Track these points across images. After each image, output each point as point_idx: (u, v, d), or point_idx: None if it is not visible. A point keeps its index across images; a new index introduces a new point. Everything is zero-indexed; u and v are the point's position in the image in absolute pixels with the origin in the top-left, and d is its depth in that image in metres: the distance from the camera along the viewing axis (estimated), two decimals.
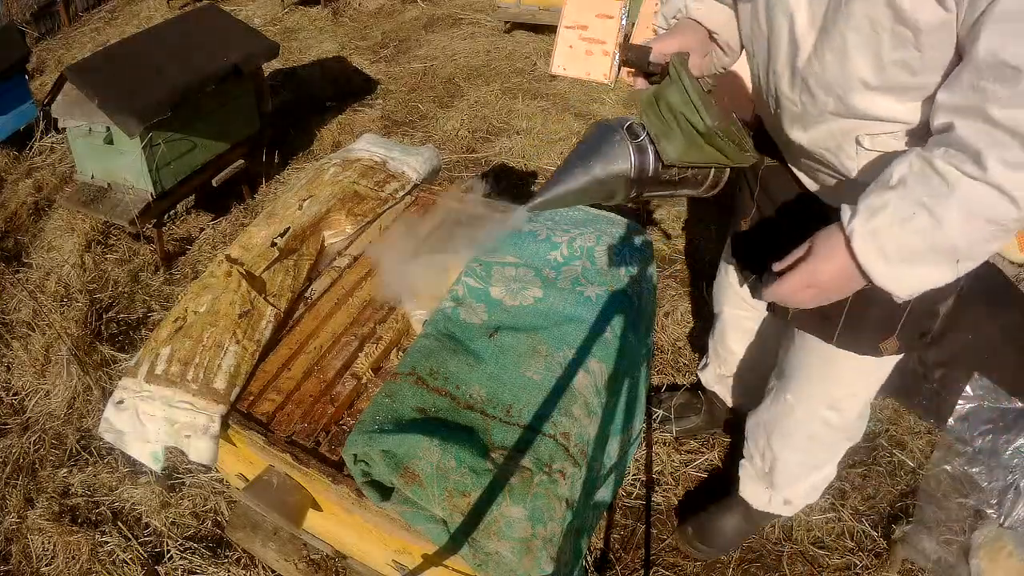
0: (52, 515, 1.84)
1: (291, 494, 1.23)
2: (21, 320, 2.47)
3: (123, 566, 1.74)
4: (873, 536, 1.73)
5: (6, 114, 3.23)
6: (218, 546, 1.77)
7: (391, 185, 1.65)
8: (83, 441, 2.06)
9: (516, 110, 3.64)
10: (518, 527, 0.96)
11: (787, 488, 1.54)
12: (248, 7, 5.15)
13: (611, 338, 1.23)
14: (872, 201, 0.87)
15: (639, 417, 1.42)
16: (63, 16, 5.27)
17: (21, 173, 3.31)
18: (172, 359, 1.27)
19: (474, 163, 3.29)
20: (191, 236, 2.91)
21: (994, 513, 1.60)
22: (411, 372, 1.14)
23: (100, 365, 2.26)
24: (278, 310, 1.36)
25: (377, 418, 1.08)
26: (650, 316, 1.50)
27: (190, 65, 2.53)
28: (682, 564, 1.70)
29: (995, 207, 0.80)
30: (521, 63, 4.13)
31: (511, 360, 1.17)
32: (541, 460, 1.03)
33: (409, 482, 1.01)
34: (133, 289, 2.62)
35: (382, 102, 3.85)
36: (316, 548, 1.50)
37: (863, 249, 0.88)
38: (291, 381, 1.27)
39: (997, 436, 1.67)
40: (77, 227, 2.83)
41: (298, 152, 3.40)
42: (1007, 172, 0.78)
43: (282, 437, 1.18)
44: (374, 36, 4.66)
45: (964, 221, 0.82)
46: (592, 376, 1.16)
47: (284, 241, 1.47)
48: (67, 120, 2.48)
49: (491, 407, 1.11)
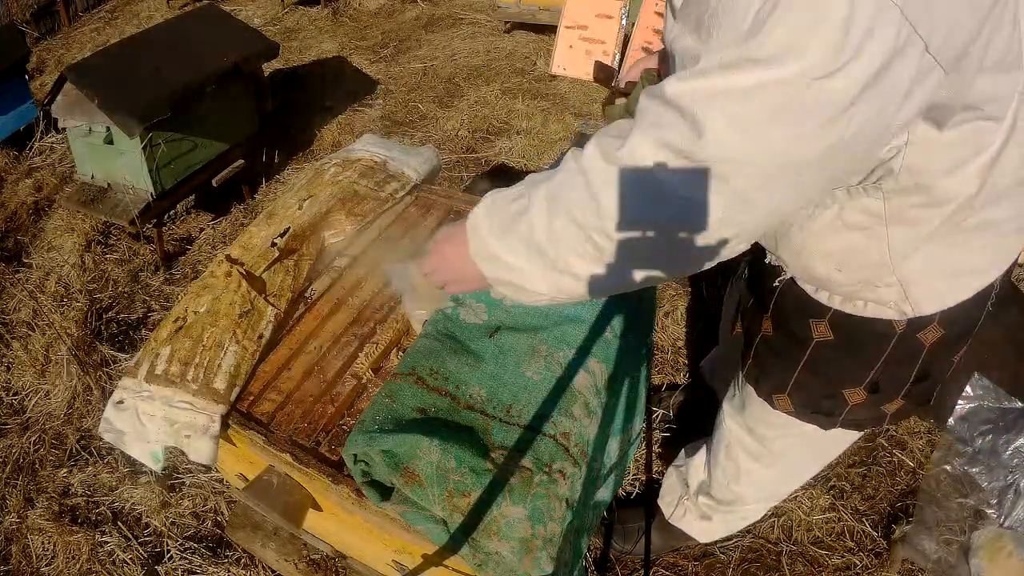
0: (52, 515, 1.84)
1: (291, 494, 1.23)
2: (21, 320, 2.47)
3: (123, 566, 1.74)
4: (873, 536, 1.73)
5: (6, 114, 3.23)
6: (218, 546, 1.77)
7: (391, 185, 1.65)
8: (83, 441, 2.06)
9: (516, 110, 3.64)
10: (518, 527, 0.96)
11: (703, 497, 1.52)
12: (248, 7, 5.15)
13: (611, 338, 1.23)
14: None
15: (639, 417, 1.42)
16: (63, 16, 5.27)
17: (21, 173, 3.31)
18: (172, 359, 1.27)
19: (474, 163, 3.29)
20: (191, 236, 2.91)
21: (994, 513, 1.60)
22: (411, 372, 1.14)
23: (100, 365, 2.26)
24: (278, 310, 1.36)
25: (377, 418, 1.08)
26: (650, 316, 1.50)
27: (190, 65, 2.53)
28: (682, 564, 1.70)
29: (572, 197, 0.77)
30: (521, 63, 4.13)
31: (511, 360, 1.17)
32: (541, 460, 1.03)
33: (409, 482, 1.01)
34: (133, 289, 2.62)
35: (382, 102, 3.85)
36: (316, 548, 1.50)
37: (475, 213, 0.88)
38: (291, 381, 1.27)
39: (997, 436, 1.66)
40: (77, 227, 2.83)
41: (298, 152, 3.40)
42: (594, 157, 0.75)
43: (282, 437, 1.18)
44: (374, 36, 4.66)
45: (548, 210, 0.80)
46: (592, 376, 1.16)
47: (284, 241, 1.47)
48: (67, 120, 2.48)
49: (491, 407, 1.11)
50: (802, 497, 1.80)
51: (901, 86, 0.64)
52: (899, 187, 0.83)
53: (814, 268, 0.99)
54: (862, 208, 0.87)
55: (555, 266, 0.81)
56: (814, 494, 1.80)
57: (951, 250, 0.89)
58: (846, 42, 0.61)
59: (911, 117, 0.70)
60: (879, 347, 1.01)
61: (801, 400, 1.13)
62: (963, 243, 0.89)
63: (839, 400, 1.09)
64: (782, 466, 1.32)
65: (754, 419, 1.27)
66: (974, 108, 0.75)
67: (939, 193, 0.82)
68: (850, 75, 0.62)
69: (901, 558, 1.64)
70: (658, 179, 0.71)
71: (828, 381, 1.08)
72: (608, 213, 0.75)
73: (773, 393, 1.16)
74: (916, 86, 0.65)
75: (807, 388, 1.12)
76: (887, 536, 1.72)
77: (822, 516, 1.77)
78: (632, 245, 0.75)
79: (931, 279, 0.92)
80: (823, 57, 0.62)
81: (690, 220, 0.72)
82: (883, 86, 0.64)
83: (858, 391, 1.07)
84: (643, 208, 0.74)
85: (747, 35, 0.66)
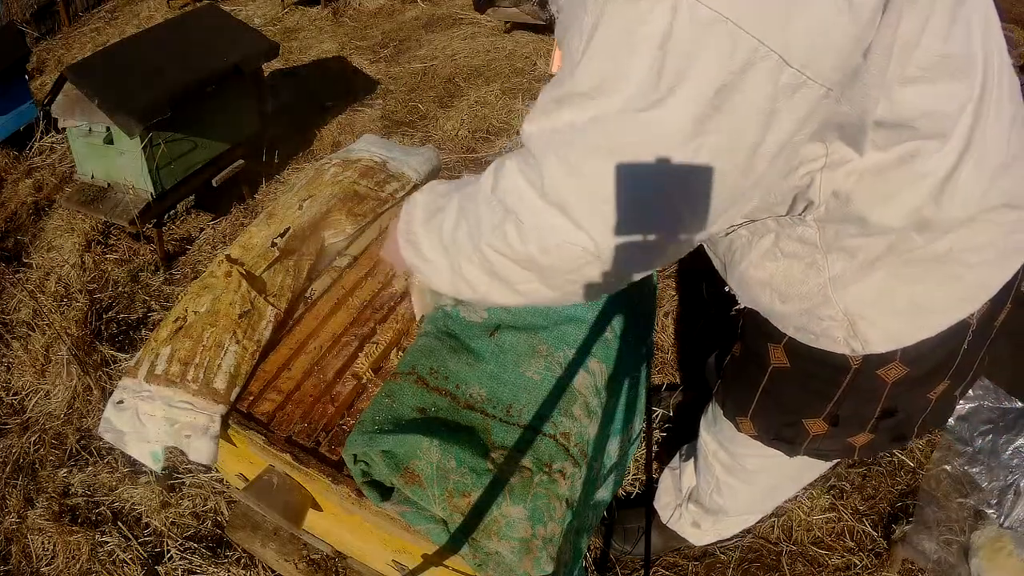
0: (52, 515, 1.84)
1: (291, 494, 1.23)
2: (21, 320, 2.47)
3: (123, 566, 1.74)
4: (873, 536, 1.73)
5: (6, 114, 3.23)
6: (218, 546, 1.77)
7: (391, 185, 1.65)
8: (83, 441, 2.06)
9: (516, 110, 3.64)
10: (518, 527, 0.96)
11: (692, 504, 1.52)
12: (248, 7, 5.15)
13: (611, 338, 1.23)
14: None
15: (639, 417, 1.42)
16: (63, 16, 5.27)
17: (21, 173, 3.31)
18: (172, 359, 1.27)
19: (474, 163, 3.29)
20: (191, 236, 2.91)
21: (994, 513, 1.60)
22: (411, 371, 1.14)
23: (100, 365, 2.26)
24: (278, 310, 1.36)
25: (377, 418, 1.08)
26: (650, 316, 1.50)
27: (190, 65, 2.53)
28: (682, 564, 1.70)
29: (473, 208, 0.78)
30: (521, 63, 4.13)
31: (511, 359, 1.17)
32: (541, 460, 1.03)
33: (409, 482, 1.01)
34: (133, 289, 2.62)
35: (382, 102, 3.85)
36: (316, 548, 1.50)
37: (415, 194, 0.90)
38: (291, 381, 1.27)
39: (997, 436, 1.67)
40: (77, 227, 2.83)
41: (298, 152, 3.40)
42: (487, 178, 0.76)
43: (282, 437, 1.18)
44: (374, 36, 4.65)
45: (456, 214, 0.81)
46: (592, 376, 1.16)
47: (284, 241, 1.47)
48: (67, 120, 2.48)
49: (491, 407, 1.11)
50: (802, 497, 1.80)
51: (758, 104, 0.57)
52: (828, 217, 0.76)
53: (758, 298, 0.94)
54: (798, 236, 0.81)
55: (454, 278, 0.82)
56: (814, 494, 1.80)
57: (903, 284, 0.80)
58: (663, 68, 0.56)
59: (792, 138, 0.62)
60: (836, 379, 0.94)
61: (762, 426, 1.09)
62: (917, 276, 0.80)
63: (799, 429, 1.04)
64: (756, 483, 1.29)
65: (725, 437, 1.25)
66: (904, 126, 0.68)
67: (875, 222, 0.75)
68: (677, 103, 0.57)
69: (901, 558, 1.64)
70: (518, 214, 0.69)
71: (787, 410, 1.04)
72: (488, 235, 0.74)
73: (737, 415, 1.13)
74: (782, 103, 0.58)
75: (767, 414, 1.08)
76: (887, 536, 1.72)
77: (822, 516, 1.77)
78: (508, 266, 0.75)
79: (882, 315, 0.84)
80: (640, 87, 0.57)
81: (559, 255, 0.69)
82: (731, 107, 0.57)
83: (818, 422, 1.01)
84: (511, 238, 0.72)
85: (574, 67, 0.61)
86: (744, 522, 1.51)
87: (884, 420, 0.97)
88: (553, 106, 0.64)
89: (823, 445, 1.05)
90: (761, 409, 1.08)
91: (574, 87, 0.61)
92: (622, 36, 0.56)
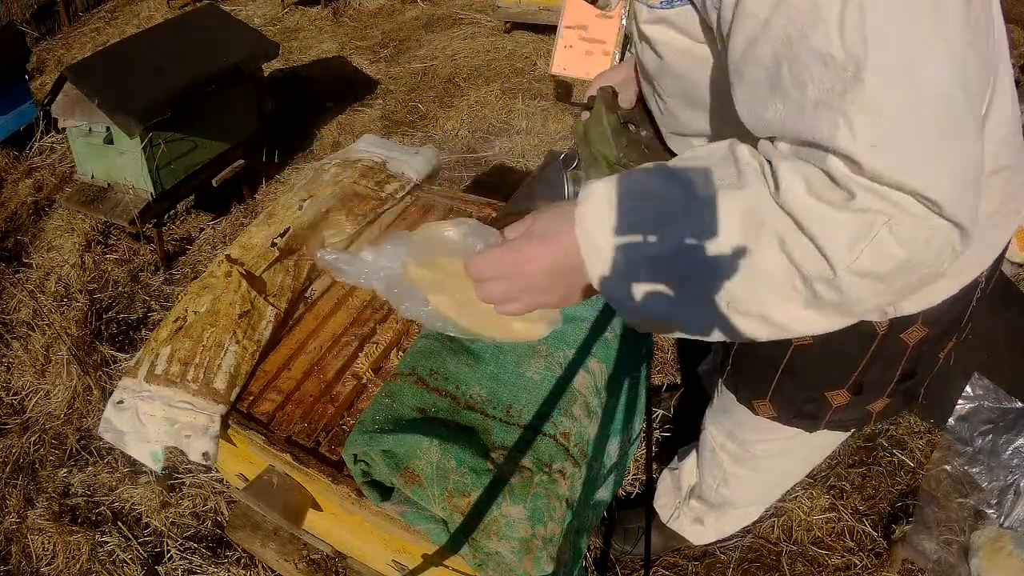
0: (52, 515, 1.84)
1: (291, 494, 1.23)
2: (21, 320, 2.47)
3: (123, 566, 1.74)
4: (873, 536, 1.73)
5: (6, 114, 3.23)
6: (218, 546, 1.77)
7: (391, 185, 1.65)
8: (83, 441, 2.06)
9: (516, 110, 3.64)
10: (518, 527, 0.96)
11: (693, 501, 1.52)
12: (248, 7, 5.15)
13: (611, 338, 1.23)
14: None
15: (639, 417, 1.42)
16: (63, 16, 5.27)
17: (21, 173, 3.31)
18: (172, 359, 1.27)
19: (474, 163, 3.29)
20: (191, 236, 2.91)
21: (994, 513, 1.60)
22: (411, 372, 1.14)
23: (100, 365, 2.26)
24: (278, 310, 1.36)
25: (377, 418, 1.08)
26: None
27: (190, 65, 2.53)
28: (682, 564, 1.70)
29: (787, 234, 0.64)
30: (521, 63, 4.13)
31: (511, 360, 1.17)
32: (541, 460, 1.03)
33: (409, 482, 1.01)
34: (133, 289, 2.62)
35: (382, 102, 3.85)
36: (316, 548, 1.50)
37: (588, 202, 0.66)
38: (291, 381, 1.27)
39: (997, 436, 1.67)
40: (77, 227, 2.83)
41: (298, 152, 3.40)
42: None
43: (282, 437, 1.18)
44: (374, 36, 4.66)
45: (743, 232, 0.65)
46: (592, 376, 1.16)
47: (284, 241, 1.47)
48: (67, 120, 2.48)
49: (491, 407, 1.11)
50: (802, 497, 1.80)
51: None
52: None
53: None
54: None
55: (737, 308, 0.66)
56: (814, 494, 1.80)
57: None
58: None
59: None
60: (862, 348, 0.98)
61: (783, 405, 1.11)
62: None
63: (822, 403, 1.07)
64: (767, 470, 1.31)
65: (736, 425, 1.26)
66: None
67: None
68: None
69: (901, 558, 1.64)
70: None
71: (809, 385, 1.06)
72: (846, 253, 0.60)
73: (754, 399, 1.15)
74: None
75: (788, 393, 1.09)
76: (887, 536, 1.72)
77: (822, 516, 1.77)
78: (863, 287, 0.62)
79: None
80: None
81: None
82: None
83: (841, 393, 1.05)
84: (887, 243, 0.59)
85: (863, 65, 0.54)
86: (747, 516, 1.52)
87: (903, 383, 1.02)
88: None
89: (843, 416, 1.08)
90: (781, 389, 1.10)
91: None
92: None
